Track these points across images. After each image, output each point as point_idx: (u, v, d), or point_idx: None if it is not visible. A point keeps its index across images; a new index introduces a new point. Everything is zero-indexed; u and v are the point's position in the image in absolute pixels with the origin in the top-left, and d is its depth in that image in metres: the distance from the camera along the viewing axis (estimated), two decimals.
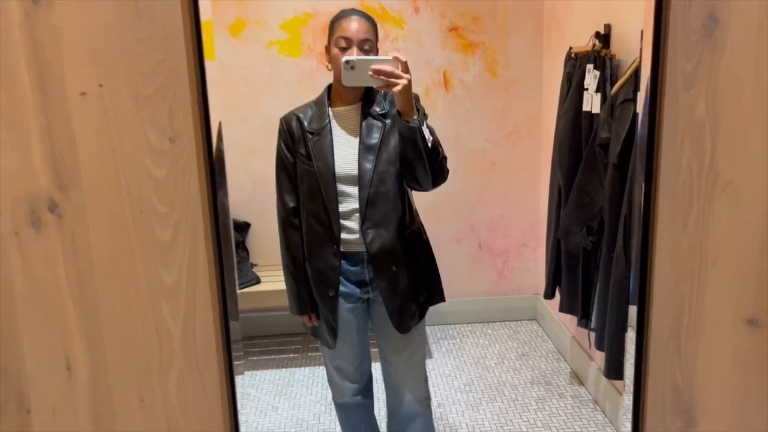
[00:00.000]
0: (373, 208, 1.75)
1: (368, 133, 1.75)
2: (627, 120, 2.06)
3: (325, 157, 1.74)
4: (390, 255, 1.78)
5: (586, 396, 2.78)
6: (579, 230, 2.38)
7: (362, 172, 1.74)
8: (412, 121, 1.60)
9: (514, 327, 3.52)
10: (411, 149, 1.62)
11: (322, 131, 1.76)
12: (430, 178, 1.69)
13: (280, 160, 1.83)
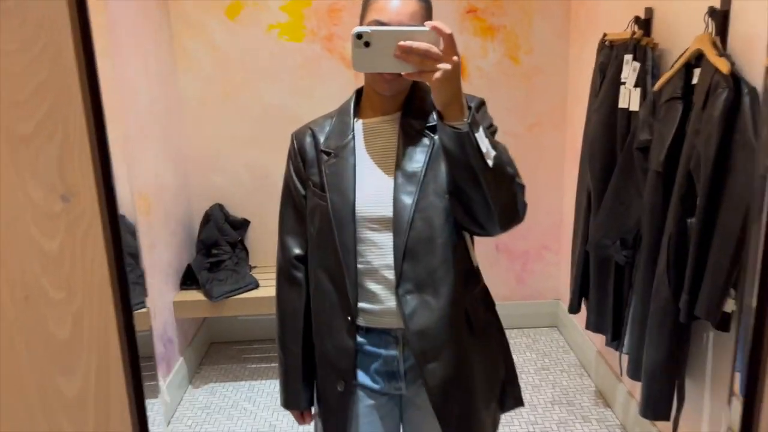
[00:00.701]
0: (415, 262, 1.21)
1: (409, 154, 1.23)
2: (674, 121, 1.77)
3: (343, 187, 1.24)
4: (442, 336, 1.23)
5: (613, 420, 2.52)
6: (611, 243, 2.11)
7: (399, 210, 1.21)
8: (459, 125, 1.08)
9: (533, 335, 3.27)
10: (459, 169, 1.11)
11: (341, 151, 1.26)
12: (495, 215, 1.14)
13: (287, 191, 1.36)
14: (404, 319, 1.23)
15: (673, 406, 1.85)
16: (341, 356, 1.29)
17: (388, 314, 1.26)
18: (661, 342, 1.80)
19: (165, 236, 2.77)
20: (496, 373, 1.35)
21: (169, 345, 2.72)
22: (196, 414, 2.68)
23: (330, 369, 1.31)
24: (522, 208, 1.21)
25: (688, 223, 1.72)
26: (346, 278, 1.24)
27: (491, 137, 1.16)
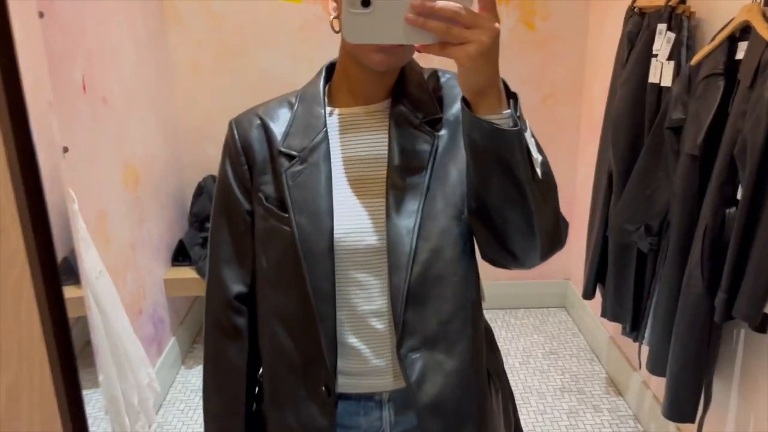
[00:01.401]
0: (421, 309, 0.90)
1: (405, 158, 0.91)
2: (714, 100, 1.60)
3: (315, 206, 0.89)
4: (464, 409, 0.93)
5: (625, 410, 2.41)
6: (635, 229, 1.96)
7: (395, 238, 0.88)
8: (500, 120, 0.77)
9: (540, 316, 3.15)
10: (496, 180, 0.80)
11: (310, 154, 0.91)
12: (539, 241, 0.85)
13: (222, 202, 0.98)
14: (410, 386, 0.91)
15: (699, 407, 1.73)
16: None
17: (372, 375, 0.94)
18: (690, 341, 1.66)
19: (155, 210, 2.60)
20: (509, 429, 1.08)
21: (159, 325, 2.58)
22: (189, 397, 2.56)
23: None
24: (565, 229, 0.92)
25: (727, 213, 1.57)
26: (321, 333, 0.90)
27: (534, 136, 0.86)
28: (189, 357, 2.86)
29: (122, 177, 2.25)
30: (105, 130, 2.11)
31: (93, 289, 1.61)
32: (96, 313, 1.60)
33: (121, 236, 2.22)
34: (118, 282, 2.17)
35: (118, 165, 2.22)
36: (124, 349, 1.76)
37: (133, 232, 2.35)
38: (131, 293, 2.29)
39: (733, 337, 1.75)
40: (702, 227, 1.61)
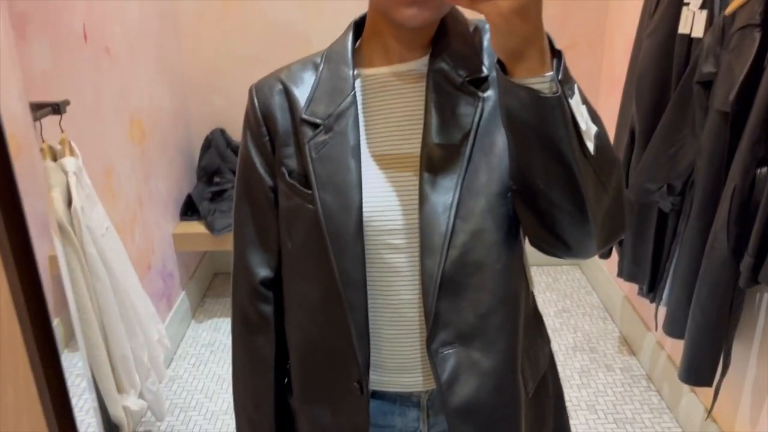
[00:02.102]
0: (457, 300, 0.80)
1: (443, 125, 0.79)
2: (749, 53, 1.51)
3: (341, 181, 0.80)
4: (497, 414, 0.84)
5: (638, 370, 2.39)
6: (657, 188, 1.88)
7: (428, 217, 0.78)
8: (540, 84, 0.66)
9: (554, 274, 3.11)
10: (537, 156, 0.70)
11: (336, 122, 0.81)
12: (594, 229, 0.73)
13: (245, 180, 0.89)
14: (440, 386, 0.81)
15: (717, 371, 1.70)
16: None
17: (410, 372, 0.85)
18: (711, 304, 1.61)
19: (162, 164, 2.55)
20: (540, 429, 0.96)
21: (169, 279, 2.57)
22: (200, 352, 2.57)
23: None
24: (630, 213, 0.79)
25: (758, 173, 1.50)
26: (351, 324, 0.81)
27: (588, 101, 0.74)
28: (199, 311, 2.86)
29: (128, 131, 2.19)
30: (109, 83, 2.04)
31: (99, 247, 1.58)
32: (103, 271, 1.57)
33: (128, 192, 2.18)
34: (126, 238, 2.14)
35: (124, 118, 2.16)
36: (133, 307, 1.74)
37: (140, 187, 2.31)
38: (139, 249, 2.26)
39: (755, 302, 1.70)
40: (730, 188, 1.54)
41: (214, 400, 2.29)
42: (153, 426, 2.17)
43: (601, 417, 2.16)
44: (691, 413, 2.04)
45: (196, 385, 2.37)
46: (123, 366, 1.65)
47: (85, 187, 1.61)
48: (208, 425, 2.17)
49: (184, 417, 2.21)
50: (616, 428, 2.11)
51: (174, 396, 2.31)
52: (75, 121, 1.79)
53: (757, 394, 1.70)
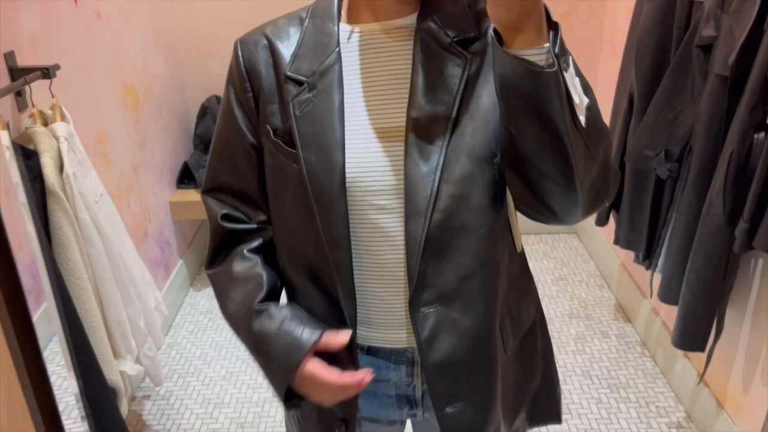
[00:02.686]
0: (440, 262, 0.81)
1: (430, 86, 0.78)
2: (749, 16, 1.48)
3: (324, 140, 0.79)
4: (472, 370, 0.86)
5: (633, 336, 2.41)
6: (655, 155, 1.87)
7: (412, 179, 0.78)
8: (535, 56, 0.66)
9: (551, 242, 3.11)
10: (530, 127, 0.70)
11: (320, 80, 0.80)
12: (581, 198, 0.74)
13: (225, 135, 0.87)
14: (419, 344, 0.83)
15: (710, 336, 1.70)
16: None
17: (398, 328, 0.86)
18: (706, 270, 1.61)
19: (157, 132, 2.53)
20: (529, 384, 0.99)
21: (166, 248, 2.57)
22: (198, 319, 2.59)
23: (320, 408, 0.89)
24: (615, 183, 0.80)
25: (755, 138, 1.48)
26: (337, 282, 0.81)
27: (581, 73, 0.73)
28: (197, 280, 2.87)
29: (121, 97, 2.17)
30: (100, 47, 2.01)
31: (93, 214, 1.57)
32: (97, 238, 1.56)
33: (123, 159, 2.17)
34: (122, 205, 2.13)
35: (116, 84, 2.13)
36: (129, 273, 1.74)
37: (136, 155, 2.29)
38: (135, 216, 2.26)
39: (750, 268, 1.70)
40: (727, 153, 1.52)
41: (213, 366, 2.31)
42: (152, 391, 2.19)
43: (595, 382, 2.18)
44: (685, 378, 2.06)
45: (194, 352, 2.39)
46: (119, 331, 1.66)
47: (78, 153, 1.59)
48: (206, 390, 2.19)
49: (182, 383, 2.23)
50: (610, 393, 2.13)
51: (172, 362, 2.34)
52: (66, 86, 1.77)
53: (750, 359, 1.71)
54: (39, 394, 0.56)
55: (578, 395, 2.12)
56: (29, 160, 1.43)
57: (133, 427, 2.04)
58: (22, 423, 0.53)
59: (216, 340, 2.46)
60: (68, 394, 1.53)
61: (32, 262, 1.55)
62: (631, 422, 2.00)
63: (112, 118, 2.09)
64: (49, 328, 1.46)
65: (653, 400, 2.09)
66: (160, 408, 2.12)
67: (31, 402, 0.55)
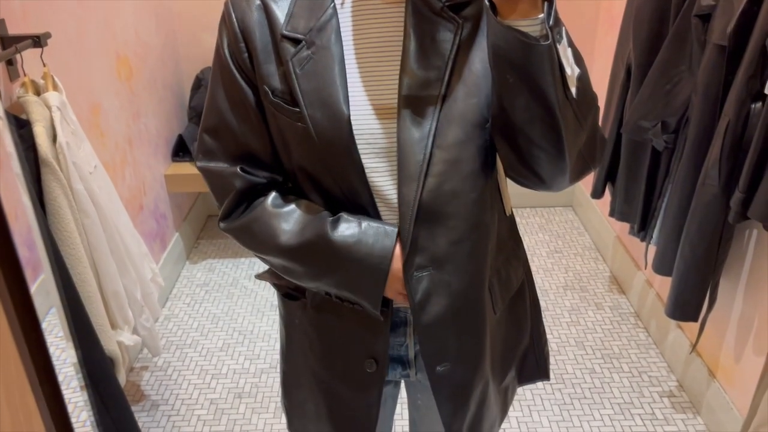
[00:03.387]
0: (433, 226, 0.82)
1: (421, 50, 0.78)
2: None
3: (327, 96, 0.78)
4: (462, 330, 0.89)
5: (627, 308, 2.43)
6: (652, 126, 1.86)
7: (405, 144, 0.78)
8: (530, 28, 0.68)
9: (546, 215, 3.12)
10: (521, 97, 0.71)
11: (319, 36, 0.79)
12: (568, 166, 0.77)
13: (228, 94, 0.85)
14: (412, 306, 0.84)
15: (703, 307, 1.72)
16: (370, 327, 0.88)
17: None
18: (700, 240, 1.62)
19: (152, 104, 2.51)
20: (518, 344, 1.03)
21: (162, 221, 2.57)
22: (195, 291, 2.60)
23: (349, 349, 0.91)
24: (602, 150, 0.82)
25: (752, 108, 1.48)
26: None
27: (573, 43, 0.74)
28: (194, 253, 2.87)
29: (114, 67, 2.15)
30: (92, 16, 1.98)
31: (88, 184, 1.56)
32: (92, 208, 1.56)
33: (116, 131, 2.15)
34: (116, 178, 2.12)
35: (109, 54, 2.11)
36: (124, 244, 1.74)
37: (130, 127, 2.28)
38: (131, 189, 2.25)
39: (744, 238, 1.70)
40: (724, 123, 1.52)
41: (210, 337, 2.33)
42: (150, 362, 2.21)
43: (588, 353, 2.20)
44: (677, 348, 2.08)
45: (192, 324, 2.40)
46: (115, 302, 1.66)
47: (71, 123, 1.58)
48: (204, 361, 2.21)
49: (180, 354, 2.25)
50: (603, 363, 2.15)
51: (170, 334, 2.35)
52: (57, 55, 1.75)
53: (742, 329, 1.73)
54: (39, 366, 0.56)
55: (572, 365, 2.15)
56: (22, 130, 1.42)
57: (131, 398, 2.05)
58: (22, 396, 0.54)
59: (213, 312, 2.47)
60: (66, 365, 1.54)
61: (28, 233, 1.54)
62: (623, 391, 2.03)
63: (105, 88, 2.07)
64: (46, 300, 1.46)
65: (646, 369, 2.12)
66: (158, 379, 2.14)
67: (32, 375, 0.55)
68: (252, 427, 1.94)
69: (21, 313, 0.53)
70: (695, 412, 1.95)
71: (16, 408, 0.44)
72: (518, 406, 1.98)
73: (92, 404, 1.48)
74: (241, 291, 2.59)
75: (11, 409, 0.44)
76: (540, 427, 1.91)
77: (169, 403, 2.04)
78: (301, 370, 0.99)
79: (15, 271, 0.53)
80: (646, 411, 1.96)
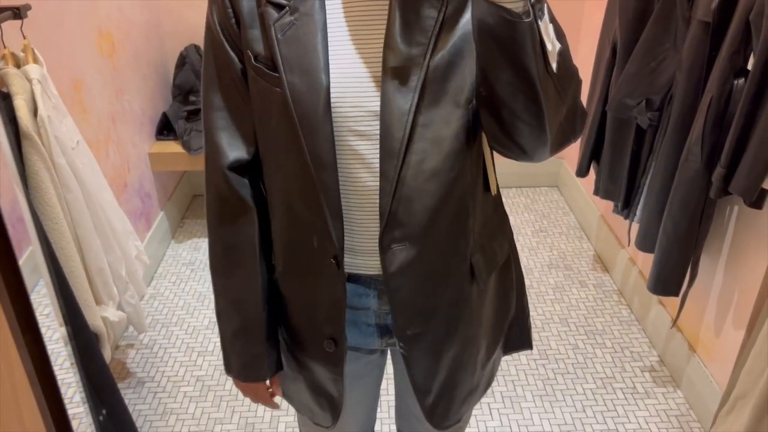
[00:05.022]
0: (411, 202, 0.83)
1: (406, 26, 0.77)
2: None
3: (307, 62, 0.78)
4: (437, 310, 0.91)
5: (610, 286, 2.46)
6: (636, 104, 1.88)
7: (388, 116, 0.78)
8: (511, 2, 0.68)
9: (532, 195, 3.13)
10: (504, 72, 0.73)
11: (302, 3, 0.79)
12: (549, 138, 0.78)
13: (214, 62, 0.86)
14: (386, 278, 0.86)
15: (684, 282, 1.75)
16: (328, 308, 0.90)
17: (373, 257, 0.88)
18: (682, 216, 1.64)
19: (135, 81, 2.48)
20: (504, 316, 1.05)
21: (147, 199, 2.55)
22: (180, 270, 2.59)
23: (310, 326, 0.94)
24: (582, 120, 0.83)
25: (735, 84, 1.49)
26: (324, 205, 0.82)
27: (555, 19, 0.75)
28: (179, 232, 2.86)
29: (96, 43, 2.12)
30: None
31: (70, 159, 1.55)
32: (74, 183, 1.55)
33: (99, 107, 2.13)
34: (99, 155, 2.10)
35: (91, 29, 2.08)
36: (108, 221, 1.73)
37: (113, 104, 2.25)
38: (114, 167, 2.23)
39: (725, 214, 1.73)
40: (707, 99, 1.53)
41: (195, 315, 2.33)
42: (135, 340, 2.21)
43: (572, 329, 2.23)
44: (658, 324, 2.11)
45: (177, 302, 2.40)
46: (100, 278, 1.65)
47: (52, 97, 1.56)
48: (190, 339, 2.21)
49: (165, 332, 2.24)
50: (587, 339, 2.18)
51: (155, 312, 2.34)
52: (37, 29, 1.72)
53: (722, 304, 1.76)
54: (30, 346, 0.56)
55: (556, 341, 2.17)
56: (2, 103, 1.40)
57: (117, 375, 2.05)
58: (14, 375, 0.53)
59: (199, 290, 2.46)
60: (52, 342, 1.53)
61: (11, 210, 1.53)
62: (606, 366, 2.06)
63: (87, 64, 2.04)
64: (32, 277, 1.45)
65: (628, 345, 2.15)
66: (144, 356, 2.14)
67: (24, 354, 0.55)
68: (239, 403, 1.95)
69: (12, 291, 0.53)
70: (675, 385, 1.98)
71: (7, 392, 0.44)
72: (503, 381, 2.01)
73: (82, 382, 1.48)
74: None
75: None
76: (524, 401, 1.94)
77: (155, 380, 2.04)
78: None
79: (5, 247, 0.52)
80: (628, 385, 1.99)
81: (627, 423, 1.86)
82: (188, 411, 1.93)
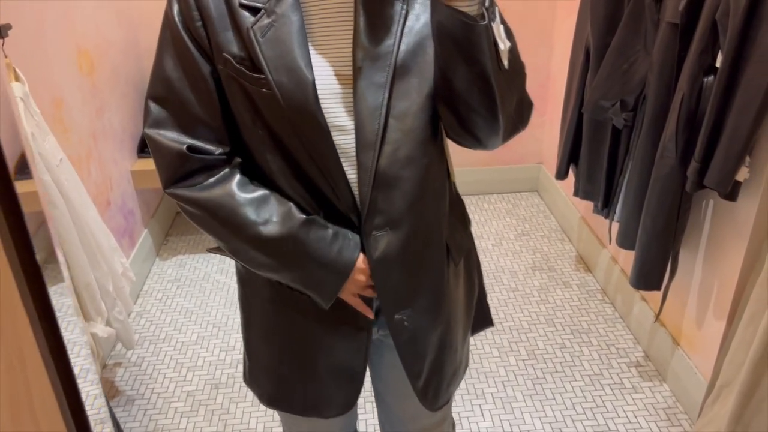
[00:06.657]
0: (390, 191, 0.88)
1: (372, 24, 0.83)
2: None
3: (291, 62, 0.81)
4: (421, 289, 0.97)
5: (594, 285, 2.50)
6: (611, 105, 1.93)
7: (363, 111, 0.83)
8: (467, 6, 0.74)
9: (513, 200, 3.18)
10: (461, 70, 0.79)
11: (277, 5, 0.82)
12: (501, 127, 0.85)
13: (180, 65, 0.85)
14: (371, 263, 0.91)
15: (665, 276, 1.79)
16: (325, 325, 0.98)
17: None
18: (660, 211, 1.69)
19: (114, 98, 2.48)
20: (471, 296, 1.12)
21: (130, 217, 2.54)
22: (166, 287, 2.58)
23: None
24: (527, 114, 0.91)
25: (705, 82, 1.54)
26: (337, 185, 0.87)
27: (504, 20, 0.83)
28: (163, 249, 2.85)
29: (75, 61, 2.12)
30: (51, 7, 1.95)
31: (55, 176, 1.55)
32: (60, 200, 1.54)
33: (80, 125, 2.12)
34: (82, 173, 2.10)
35: (70, 48, 2.08)
36: (94, 237, 1.73)
37: (93, 122, 2.25)
38: (97, 184, 2.23)
39: (702, 208, 1.78)
40: (678, 98, 1.58)
41: (183, 331, 2.32)
42: (123, 358, 2.19)
43: (558, 329, 2.26)
44: (642, 320, 2.15)
45: (164, 319, 2.39)
46: (87, 294, 1.65)
47: (35, 115, 1.56)
48: (179, 355, 2.20)
49: (153, 349, 2.23)
50: (573, 338, 2.21)
51: (142, 330, 2.33)
52: (17, 47, 1.72)
53: (703, 296, 1.81)
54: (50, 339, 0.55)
55: (543, 341, 2.20)
56: None
57: (106, 393, 2.03)
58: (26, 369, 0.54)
59: (185, 306, 2.46)
60: None
61: None
62: (593, 364, 2.09)
63: (67, 82, 2.04)
64: None
65: (613, 342, 2.19)
66: (132, 374, 2.12)
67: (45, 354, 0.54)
68: (230, 416, 1.95)
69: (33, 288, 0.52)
70: (661, 379, 2.02)
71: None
72: (493, 382, 2.03)
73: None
74: (213, 285, 2.58)
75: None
76: (515, 401, 1.96)
77: (145, 397, 2.03)
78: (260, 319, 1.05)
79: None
80: (615, 381, 2.02)
81: (616, 418, 1.89)
82: (180, 426, 1.91)
